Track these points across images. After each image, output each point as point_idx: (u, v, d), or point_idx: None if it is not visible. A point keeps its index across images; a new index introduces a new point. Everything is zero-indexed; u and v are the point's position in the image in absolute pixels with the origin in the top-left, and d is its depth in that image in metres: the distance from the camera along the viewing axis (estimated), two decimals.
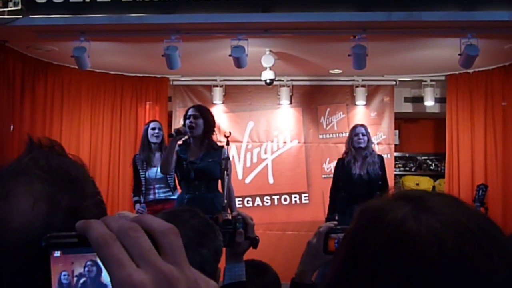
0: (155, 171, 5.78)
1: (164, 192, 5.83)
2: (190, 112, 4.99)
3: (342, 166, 5.99)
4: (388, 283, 0.72)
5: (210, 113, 5.12)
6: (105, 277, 0.58)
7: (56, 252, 0.59)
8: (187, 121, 4.93)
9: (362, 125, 6.06)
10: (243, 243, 2.04)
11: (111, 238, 0.55)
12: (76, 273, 0.60)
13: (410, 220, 0.74)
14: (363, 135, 5.86)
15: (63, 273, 0.59)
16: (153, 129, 5.93)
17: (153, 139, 5.89)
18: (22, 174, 0.83)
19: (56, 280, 0.59)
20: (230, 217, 2.04)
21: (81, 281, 0.60)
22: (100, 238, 0.55)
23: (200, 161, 4.90)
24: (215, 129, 5.13)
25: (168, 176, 5.61)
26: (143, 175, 5.85)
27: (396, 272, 0.71)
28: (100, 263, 0.57)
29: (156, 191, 5.83)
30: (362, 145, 5.83)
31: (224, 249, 1.98)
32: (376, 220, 0.77)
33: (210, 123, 5.00)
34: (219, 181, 4.99)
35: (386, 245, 0.73)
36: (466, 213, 0.77)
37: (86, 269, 0.60)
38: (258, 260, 2.73)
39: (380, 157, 6.03)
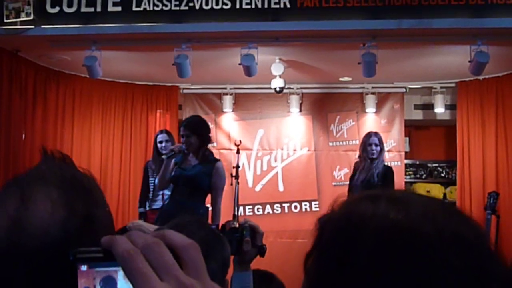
0: None
1: None
2: (181, 131, 5.00)
3: (353, 170, 6.14)
4: (389, 277, 0.70)
5: (202, 125, 5.07)
6: None
7: (82, 266, 0.61)
8: (182, 139, 4.97)
9: (376, 134, 6.05)
10: (250, 251, 2.03)
11: (135, 253, 0.58)
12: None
13: (391, 211, 0.74)
14: (376, 145, 5.90)
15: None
16: (160, 142, 5.97)
17: (162, 151, 5.91)
18: (40, 180, 0.85)
19: None
20: (237, 225, 2.05)
21: None
22: (125, 253, 0.58)
23: (191, 170, 4.92)
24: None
25: None
26: (152, 182, 5.91)
27: (396, 265, 0.70)
28: (116, 278, 0.60)
29: (165, 197, 5.87)
30: (375, 156, 5.89)
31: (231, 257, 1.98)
32: (353, 222, 0.75)
33: (203, 136, 4.96)
34: (209, 196, 5.01)
35: (377, 241, 0.72)
36: (434, 198, 0.81)
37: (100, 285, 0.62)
38: (263, 270, 2.73)
39: (386, 168, 5.99)
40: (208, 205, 5.15)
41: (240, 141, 5.10)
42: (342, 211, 0.79)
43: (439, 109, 7.57)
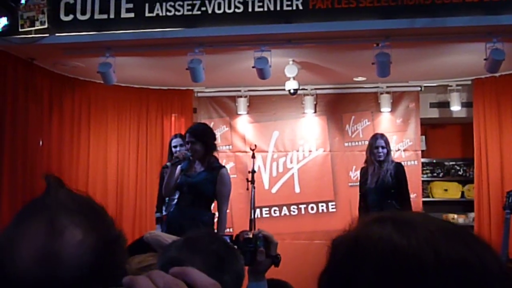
0: None
1: None
2: (186, 138, 5.02)
3: (362, 175, 6.22)
4: None
5: (206, 132, 5.09)
6: None
7: None
8: (187, 146, 4.99)
9: (382, 136, 6.17)
10: (264, 262, 2.03)
11: None
12: None
13: (395, 235, 0.76)
14: (382, 148, 6.03)
15: None
16: (175, 146, 5.98)
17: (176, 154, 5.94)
18: (63, 209, 0.84)
19: None
20: (251, 236, 2.04)
21: None
22: None
23: (195, 177, 4.93)
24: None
25: None
26: None
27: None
28: None
29: None
30: (382, 158, 6.00)
31: (245, 268, 1.98)
32: (360, 245, 0.78)
33: (208, 143, 4.97)
34: (215, 203, 5.02)
35: (381, 265, 0.74)
36: (443, 221, 0.82)
37: None
38: (277, 279, 2.73)
39: (397, 165, 6.10)
40: (216, 212, 5.15)
41: (256, 145, 5.08)
42: (353, 233, 0.82)
43: (455, 107, 7.50)
